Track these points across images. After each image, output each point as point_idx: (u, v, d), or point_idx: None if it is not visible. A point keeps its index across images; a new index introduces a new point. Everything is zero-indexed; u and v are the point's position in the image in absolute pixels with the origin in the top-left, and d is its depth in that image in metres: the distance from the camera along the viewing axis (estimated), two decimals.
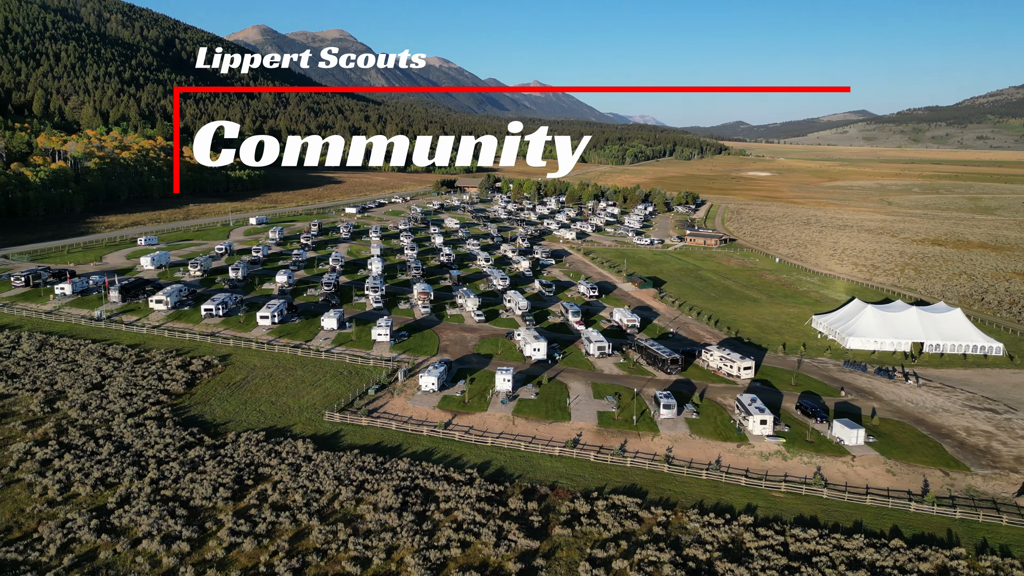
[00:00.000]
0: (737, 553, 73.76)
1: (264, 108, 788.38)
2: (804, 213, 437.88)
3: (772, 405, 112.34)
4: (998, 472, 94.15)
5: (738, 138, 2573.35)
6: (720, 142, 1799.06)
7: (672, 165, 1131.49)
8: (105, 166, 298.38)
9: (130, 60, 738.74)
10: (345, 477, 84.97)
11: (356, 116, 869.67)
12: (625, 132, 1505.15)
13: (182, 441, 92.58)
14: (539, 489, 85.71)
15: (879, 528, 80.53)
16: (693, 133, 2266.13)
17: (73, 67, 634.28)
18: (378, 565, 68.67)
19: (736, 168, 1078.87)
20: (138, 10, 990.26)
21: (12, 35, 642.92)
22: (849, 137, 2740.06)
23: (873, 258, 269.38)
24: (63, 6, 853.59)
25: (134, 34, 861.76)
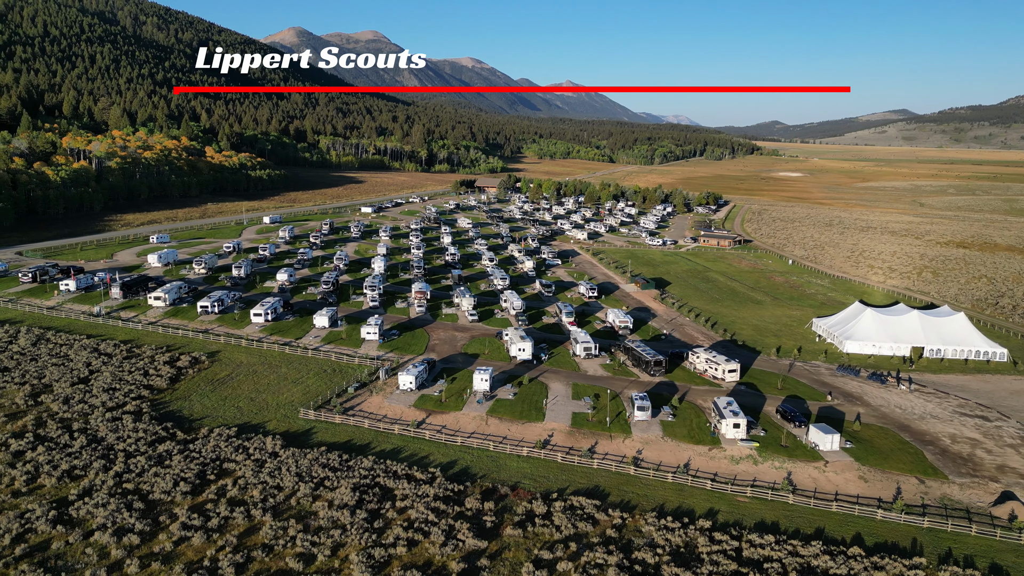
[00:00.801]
0: (688, 558, 72.78)
1: (293, 109, 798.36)
2: (828, 214, 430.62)
3: (753, 409, 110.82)
4: (977, 481, 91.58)
5: (773, 138, 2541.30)
6: (753, 142, 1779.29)
7: (701, 165, 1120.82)
8: (126, 166, 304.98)
9: (163, 62, 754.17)
10: (307, 474, 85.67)
11: (384, 116, 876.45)
12: (655, 132, 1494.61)
13: (154, 436, 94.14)
14: (500, 489, 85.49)
15: (841, 535, 78.87)
16: (726, 133, 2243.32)
17: (107, 69, 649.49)
18: (322, 562, 69.07)
19: (767, 168, 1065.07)
20: (174, 13, 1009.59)
21: (50, 38, 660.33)
22: (888, 137, 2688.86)
23: (891, 260, 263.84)
24: (101, 9, 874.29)
25: (168, 36, 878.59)
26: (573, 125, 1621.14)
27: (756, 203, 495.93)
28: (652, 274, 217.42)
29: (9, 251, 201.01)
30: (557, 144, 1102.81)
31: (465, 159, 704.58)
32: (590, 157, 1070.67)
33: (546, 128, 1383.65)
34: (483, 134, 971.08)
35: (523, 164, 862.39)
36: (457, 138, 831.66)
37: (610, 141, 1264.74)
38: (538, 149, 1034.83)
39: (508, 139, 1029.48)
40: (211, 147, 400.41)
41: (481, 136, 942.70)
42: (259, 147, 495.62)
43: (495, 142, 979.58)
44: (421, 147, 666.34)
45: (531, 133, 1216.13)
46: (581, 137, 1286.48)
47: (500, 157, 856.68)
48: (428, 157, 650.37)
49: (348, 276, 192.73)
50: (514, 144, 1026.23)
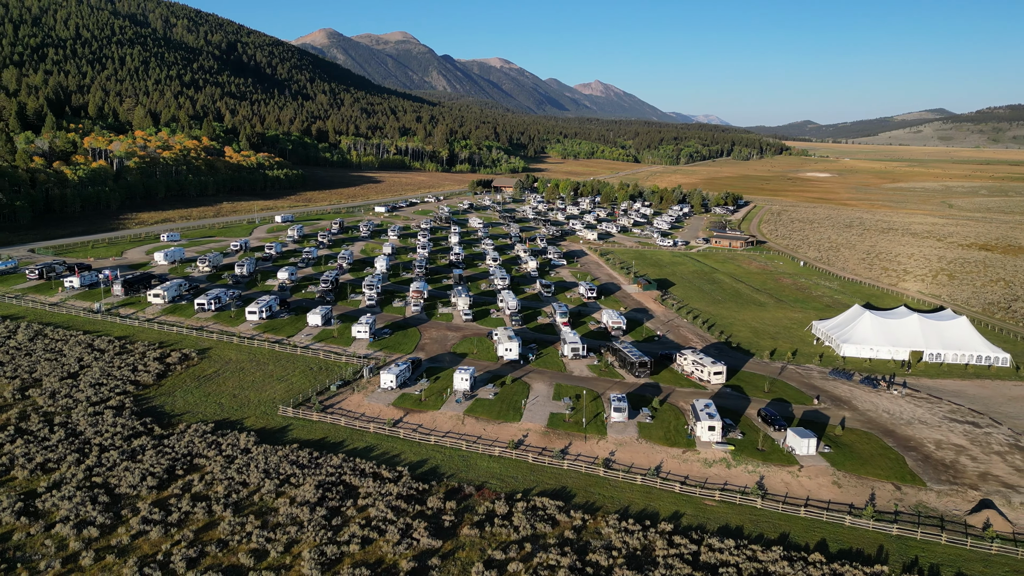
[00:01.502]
0: (642, 561, 72.08)
1: (318, 109, 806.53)
2: (850, 215, 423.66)
3: (735, 412, 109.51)
4: (955, 488, 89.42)
5: (804, 138, 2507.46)
6: (782, 142, 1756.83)
7: (728, 165, 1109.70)
8: (144, 165, 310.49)
9: (192, 64, 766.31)
10: (274, 471, 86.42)
11: (408, 117, 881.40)
12: (682, 132, 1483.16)
13: (131, 431, 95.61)
14: (465, 489, 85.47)
15: (805, 541, 77.57)
16: (756, 133, 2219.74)
17: (137, 71, 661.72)
18: (274, 558, 69.60)
19: (795, 169, 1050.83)
20: (204, 15, 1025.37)
21: (82, 40, 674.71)
22: (923, 137, 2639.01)
23: (907, 263, 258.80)
24: (132, 12, 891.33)
25: (198, 38, 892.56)
26: (599, 125, 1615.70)
27: (778, 204, 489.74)
28: (658, 275, 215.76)
29: (22, 248, 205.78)
30: (581, 144, 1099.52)
31: (486, 159, 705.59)
32: (614, 157, 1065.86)
33: (571, 128, 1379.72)
34: (507, 134, 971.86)
35: (546, 164, 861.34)
36: (479, 138, 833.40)
37: (636, 141, 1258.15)
38: (562, 149, 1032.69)
39: (532, 139, 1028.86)
40: (230, 147, 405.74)
41: (504, 136, 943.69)
42: (280, 147, 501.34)
43: (519, 142, 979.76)
44: (442, 147, 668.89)
45: (556, 133, 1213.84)
46: (607, 137, 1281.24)
47: (523, 157, 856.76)
48: (449, 157, 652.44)
49: (350, 275, 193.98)
50: (538, 144, 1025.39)
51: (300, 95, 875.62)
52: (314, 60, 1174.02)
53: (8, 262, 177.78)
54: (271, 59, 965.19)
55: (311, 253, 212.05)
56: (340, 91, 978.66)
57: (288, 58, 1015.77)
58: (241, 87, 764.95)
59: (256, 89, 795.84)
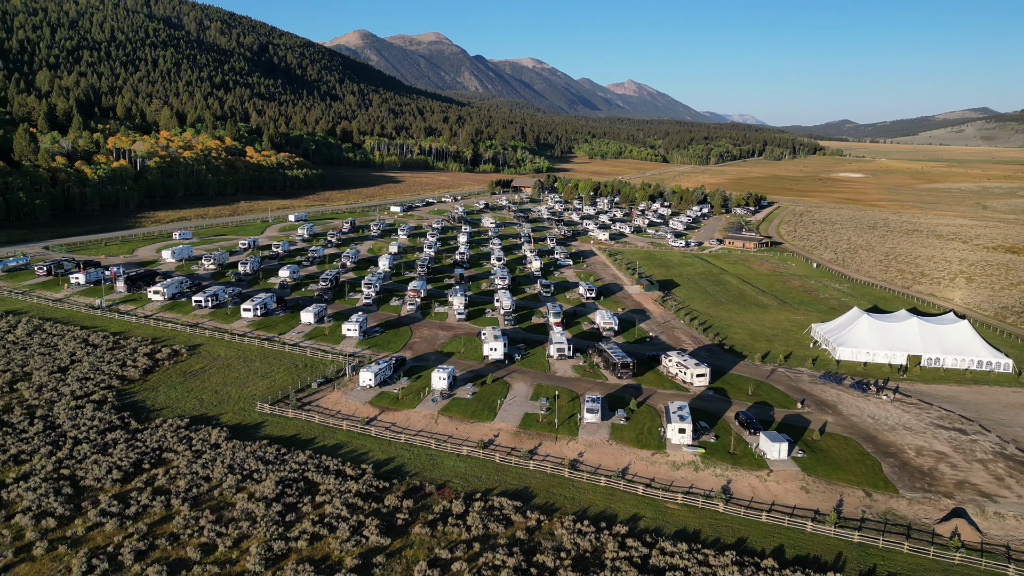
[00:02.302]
0: (590, 563, 71.48)
1: (345, 110, 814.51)
2: (876, 217, 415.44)
3: (714, 415, 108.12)
4: (928, 496, 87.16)
5: (841, 137, 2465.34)
6: (817, 142, 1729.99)
7: (758, 165, 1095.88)
8: (165, 165, 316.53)
9: (223, 65, 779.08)
10: (239, 466, 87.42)
11: (435, 117, 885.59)
12: (713, 132, 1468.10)
13: (107, 425, 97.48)
14: (426, 488, 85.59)
15: (762, 547, 76.26)
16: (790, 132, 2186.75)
17: (168, 72, 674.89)
18: (221, 552, 70.41)
19: (827, 169, 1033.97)
20: (238, 18, 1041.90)
21: (116, 43, 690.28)
22: (965, 136, 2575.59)
23: (925, 265, 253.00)
24: (167, 15, 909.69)
25: (230, 40, 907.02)
26: (630, 125, 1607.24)
27: (803, 205, 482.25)
28: (665, 276, 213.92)
29: (37, 245, 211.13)
30: (609, 144, 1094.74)
31: (511, 159, 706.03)
32: (643, 157, 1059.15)
33: (601, 128, 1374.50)
34: (533, 134, 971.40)
35: (572, 164, 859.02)
36: (505, 138, 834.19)
37: (666, 141, 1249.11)
38: (589, 149, 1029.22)
39: (559, 139, 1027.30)
40: (252, 147, 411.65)
41: (531, 136, 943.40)
42: (303, 147, 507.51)
43: (546, 142, 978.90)
44: (467, 147, 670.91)
45: (584, 133, 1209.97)
46: (636, 137, 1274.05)
47: (549, 157, 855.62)
48: (473, 157, 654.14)
49: (353, 274, 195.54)
50: (565, 144, 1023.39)
51: (329, 96, 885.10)
52: (344, 61, 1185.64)
53: (20, 259, 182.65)
54: (301, 60, 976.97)
55: (317, 252, 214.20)
56: (369, 92, 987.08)
57: (318, 59, 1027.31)
58: (270, 88, 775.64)
59: (285, 90, 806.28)
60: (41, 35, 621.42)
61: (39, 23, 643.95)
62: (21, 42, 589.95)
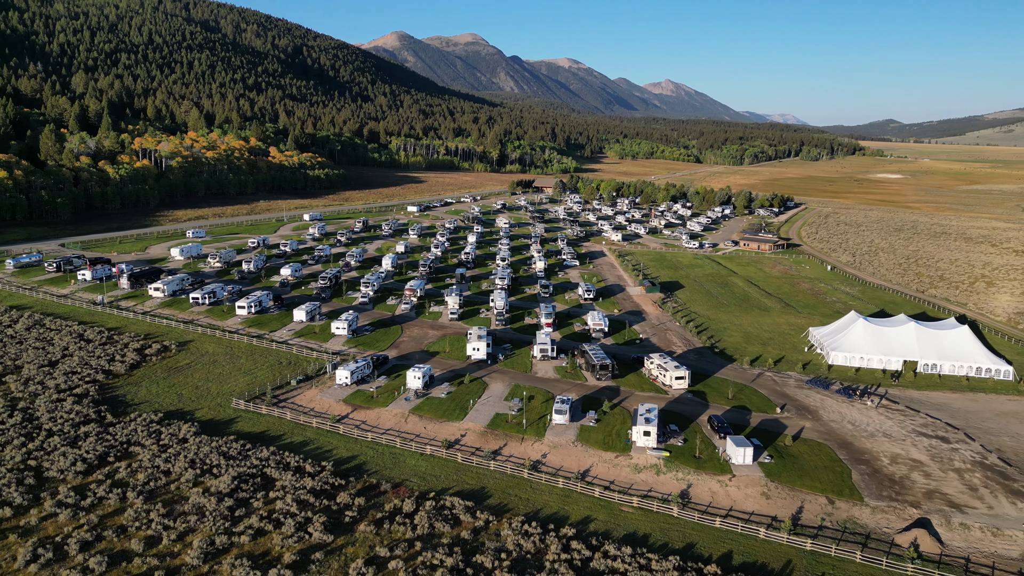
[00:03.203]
0: (528, 565, 71.08)
1: (376, 111, 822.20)
2: (904, 219, 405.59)
3: (688, 418, 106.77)
4: (894, 505, 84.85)
5: (884, 137, 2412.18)
6: (857, 142, 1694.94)
7: (794, 166, 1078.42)
8: (187, 165, 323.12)
9: (256, 67, 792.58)
10: (200, 461, 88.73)
11: (465, 118, 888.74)
12: (749, 131, 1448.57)
13: (83, 418, 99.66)
14: (382, 486, 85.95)
15: (710, 552, 75.09)
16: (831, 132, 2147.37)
17: (203, 74, 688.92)
18: (164, 546, 71.49)
19: (865, 170, 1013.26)
20: (274, 20, 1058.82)
21: (153, 45, 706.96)
22: (1015, 137, 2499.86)
23: (945, 269, 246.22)
24: (205, 18, 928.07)
25: (265, 43, 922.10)
26: (665, 125, 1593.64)
27: (832, 206, 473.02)
28: (671, 277, 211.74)
29: (54, 243, 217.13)
30: (641, 144, 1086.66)
31: (538, 159, 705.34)
32: (675, 157, 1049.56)
33: (634, 128, 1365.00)
34: (564, 135, 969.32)
35: (601, 164, 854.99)
36: (535, 139, 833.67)
37: (700, 141, 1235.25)
38: (620, 149, 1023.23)
39: (590, 139, 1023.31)
40: (276, 148, 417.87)
41: (562, 137, 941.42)
42: (329, 147, 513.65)
43: (576, 142, 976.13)
44: (494, 148, 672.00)
45: (616, 133, 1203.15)
46: (670, 137, 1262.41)
47: (578, 157, 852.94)
48: (500, 157, 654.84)
49: (356, 273, 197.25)
50: (595, 144, 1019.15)
51: (360, 96, 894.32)
52: (378, 62, 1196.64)
53: (33, 255, 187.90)
54: (335, 62, 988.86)
55: (324, 251, 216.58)
56: (400, 92, 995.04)
57: (351, 60, 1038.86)
58: (302, 89, 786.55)
59: (317, 91, 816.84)
60: (81, 38, 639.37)
61: (79, 27, 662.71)
62: (62, 45, 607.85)
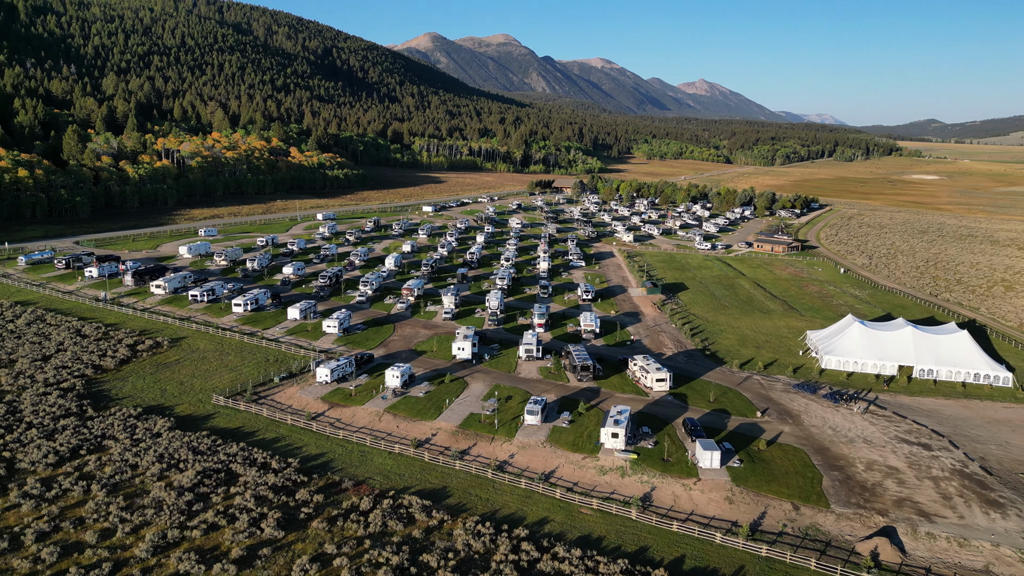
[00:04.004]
0: (473, 565, 70.92)
1: (402, 112, 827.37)
2: (931, 221, 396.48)
3: (664, 420, 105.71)
4: (860, 513, 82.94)
5: (924, 138, 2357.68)
6: (895, 142, 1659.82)
7: (826, 167, 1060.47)
8: (207, 165, 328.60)
9: (286, 68, 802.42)
10: (169, 456, 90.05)
11: (491, 118, 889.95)
12: (782, 132, 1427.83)
13: (65, 411, 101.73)
14: (343, 484, 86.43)
15: (662, 556, 74.20)
16: (869, 132, 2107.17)
17: (233, 76, 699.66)
18: (118, 538, 72.65)
19: (901, 171, 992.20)
20: (305, 22, 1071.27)
21: (185, 48, 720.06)
22: None
23: (964, 272, 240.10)
24: (237, 21, 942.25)
25: (296, 45, 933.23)
26: (697, 125, 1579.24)
27: (858, 208, 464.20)
28: (677, 279, 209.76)
29: (69, 240, 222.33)
30: (670, 144, 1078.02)
31: (562, 160, 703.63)
32: (704, 158, 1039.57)
33: (664, 128, 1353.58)
34: (592, 135, 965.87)
35: (627, 165, 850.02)
36: (561, 139, 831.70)
37: (731, 141, 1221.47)
38: (648, 149, 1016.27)
39: (618, 139, 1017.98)
40: (296, 148, 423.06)
41: (589, 137, 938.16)
42: (352, 148, 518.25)
43: (604, 143, 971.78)
44: (518, 148, 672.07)
45: (645, 133, 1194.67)
46: (700, 137, 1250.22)
47: (605, 158, 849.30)
48: (523, 158, 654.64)
49: (359, 272, 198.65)
50: (623, 144, 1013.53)
51: (387, 97, 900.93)
52: (407, 63, 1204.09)
53: (45, 252, 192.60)
54: (363, 63, 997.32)
55: (331, 250, 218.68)
56: (428, 93, 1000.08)
57: (380, 62, 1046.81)
58: (329, 90, 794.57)
59: (344, 92, 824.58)
60: (115, 41, 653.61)
61: (114, 30, 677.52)
62: (96, 48, 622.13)
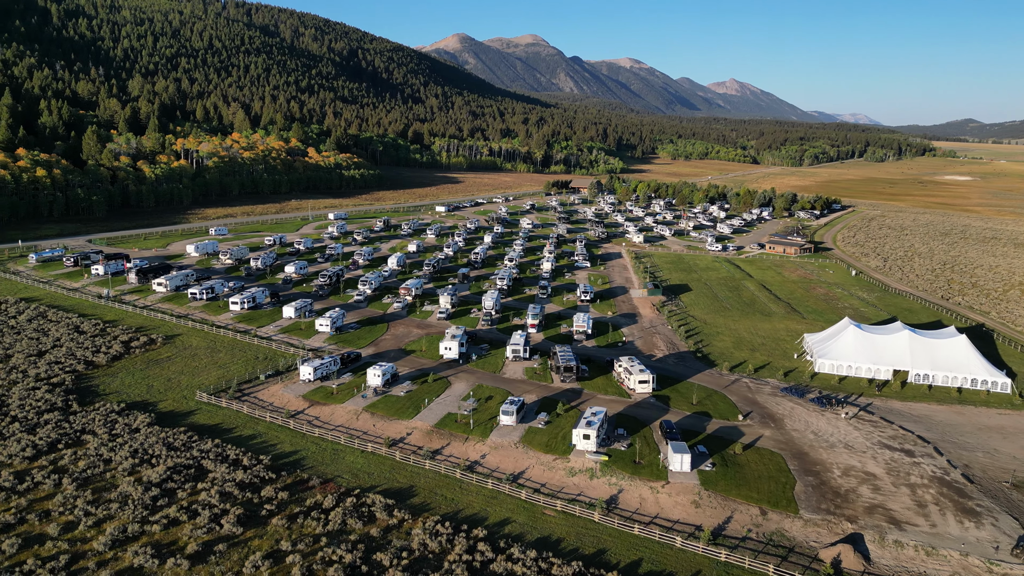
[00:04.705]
0: (424, 564, 70.90)
1: (426, 112, 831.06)
2: (955, 223, 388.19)
3: (643, 422, 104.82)
4: (829, 519, 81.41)
5: (961, 138, 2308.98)
6: (929, 142, 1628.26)
7: (856, 167, 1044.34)
8: (223, 165, 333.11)
9: (311, 70, 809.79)
10: (143, 451, 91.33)
11: (515, 119, 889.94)
12: (811, 132, 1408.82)
13: (50, 406, 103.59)
14: (310, 482, 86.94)
15: (619, 560, 73.55)
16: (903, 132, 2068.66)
17: (258, 77, 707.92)
18: (79, 532, 73.76)
19: (933, 171, 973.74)
20: (332, 24, 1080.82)
21: (212, 50, 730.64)
22: None
23: (981, 275, 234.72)
24: (265, 23, 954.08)
25: (321, 46, 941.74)
26: (725, 125, 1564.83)
27: (882, 209, 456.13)
28: (684, 280, 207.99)
29: (82, 238, 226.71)
30: (695, 144, 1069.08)
31: (584, 160, 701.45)
32: (730, 158, 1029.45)
33: (691, 128, 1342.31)
34: (616, 135, 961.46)
35: (651, 165, 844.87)
36: (584, 139, 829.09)
37: (759, 141, 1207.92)
38: (673, 150, 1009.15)
39: (643, 139, 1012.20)
40: (314, 148, 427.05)
41: (613, 137, 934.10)
42: (371, 148, 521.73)
43: (628, 143, 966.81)
44: (539, 148, 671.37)
45: (671, 133, 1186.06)
46: (728, 137, 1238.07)
47: (629, 158, 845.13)
48: (544, 158, 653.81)
49: (362, 271, 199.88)
50: (648, 145, 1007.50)
51: (411, 98, 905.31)
52: (432, 64, 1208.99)
53: (56, 250, 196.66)
54: (388, 64, 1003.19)
55: (336, 249, 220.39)
56: (452, 94, 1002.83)
57: (406, 63, 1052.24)
58: (354, 91, 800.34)
59: (368, 93, 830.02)
60: (144, 44, 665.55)
61: (143, 32, 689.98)
62: (125, 50, 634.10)
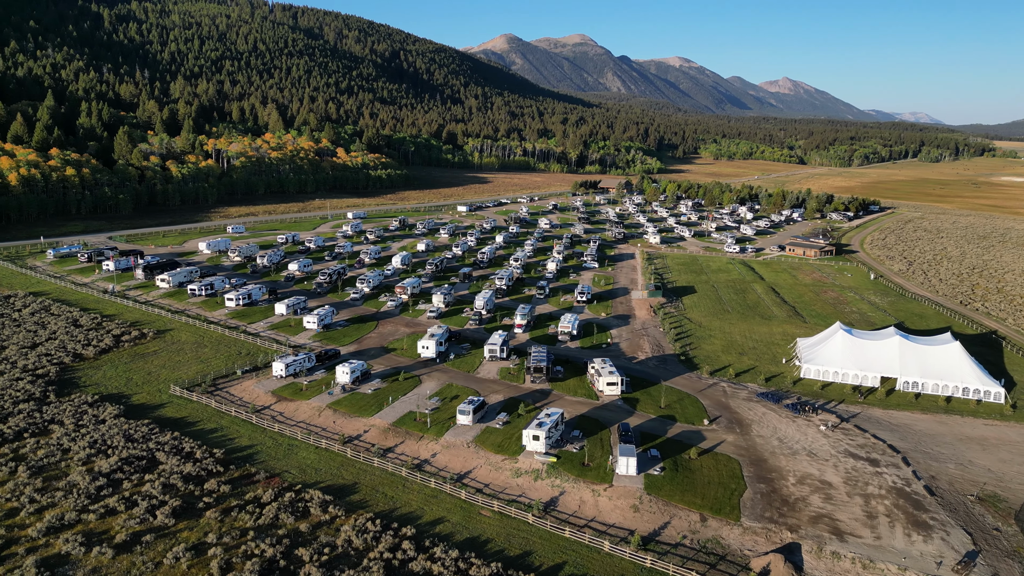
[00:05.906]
0: (342, 560, 71.22)
1: (464, 113, 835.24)
2: (997, 226, 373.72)
3: (603, 425, 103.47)
4: (769, 528, 79.17)
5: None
6: (991, 142, 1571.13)
7: (908, 167, 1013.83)
8: (251, 164, 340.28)
9: (352, 71, 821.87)
10: (102, 442, 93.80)
11: (553, 119, 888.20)
12: (863, 131, 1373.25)
13: (28, 396, 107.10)
14: (257, 475, 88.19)
15: (541, 563, 72.83)
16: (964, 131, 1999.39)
17: (299, 79, 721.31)
18: (20, 518, 76.16)
19: (990, 172, 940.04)
20: (376, 26, 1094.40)
21: (256, 52, 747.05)
22: None
23: (1010, 280, 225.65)
24: (310, 26, 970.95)
25: (364, 48, 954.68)
26: (774, 124, 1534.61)
27: (923, 211, 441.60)
28: (692, 282, 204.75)
29: (104, 235, 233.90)
30: (739, 144, 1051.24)
31: (620, 160, 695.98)
32: (775, 158, 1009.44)
33: (738, 128, 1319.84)
34: (659, 135, 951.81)
35: (691, 165, 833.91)
36: (623, 139, 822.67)
37: (807, 141, 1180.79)
38: (716, 149, 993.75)
39: (685, 139, 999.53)
40: (344, 148, 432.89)
41: (654, 137, 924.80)
42: (404, 149, 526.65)
43: (670, 143, 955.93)
44: (574, 149, 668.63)
45: (716, 133, 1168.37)
46: (775, 137, 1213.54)
47: (669, 158, 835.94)
48: (579, 158, 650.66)
49: (367, 270, 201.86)
50: (690, 145, 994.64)
51: (450, 99, 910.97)
52: (474, 64, 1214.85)
53: (74, 247, 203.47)
54: (430, 65, 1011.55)
55: (345, 247, 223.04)
56: (492, 95, 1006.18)
57: (447, 64, 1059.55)
58: (392, 92, 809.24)
59: (407, 94, 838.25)
60: (191, 47, 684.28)
61: (191, 36, 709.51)
62: (172, 53, 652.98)
